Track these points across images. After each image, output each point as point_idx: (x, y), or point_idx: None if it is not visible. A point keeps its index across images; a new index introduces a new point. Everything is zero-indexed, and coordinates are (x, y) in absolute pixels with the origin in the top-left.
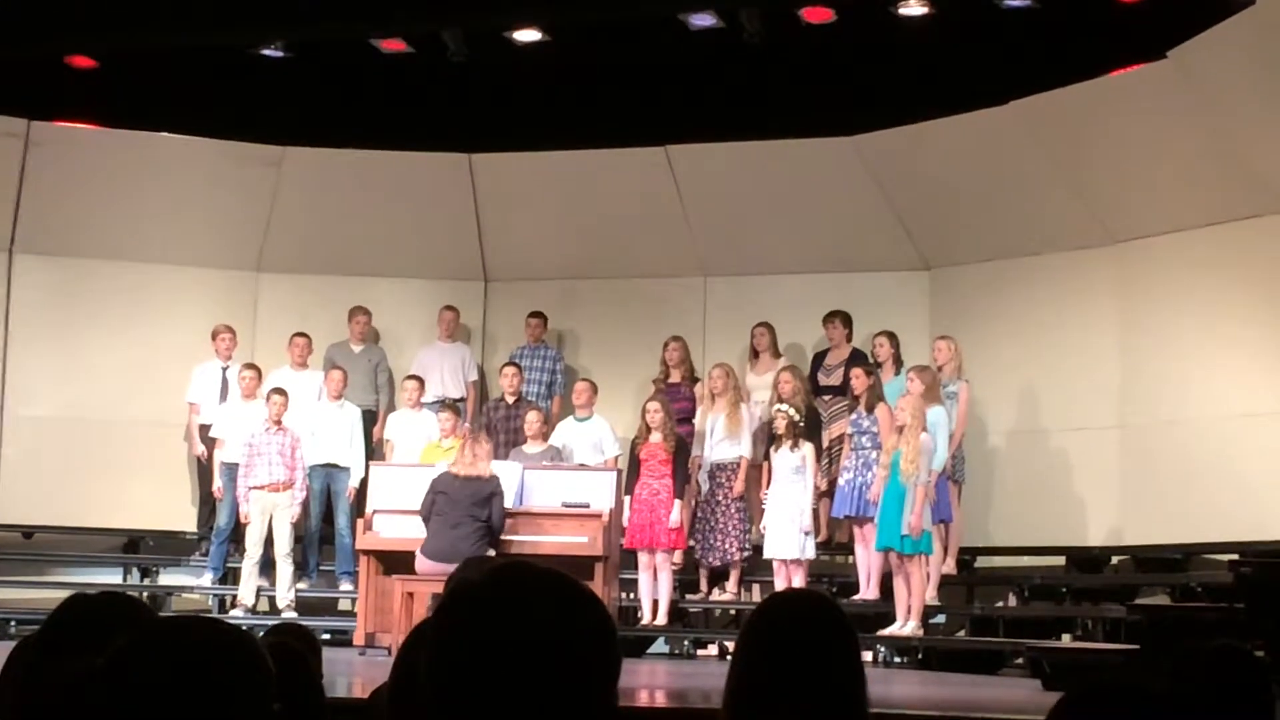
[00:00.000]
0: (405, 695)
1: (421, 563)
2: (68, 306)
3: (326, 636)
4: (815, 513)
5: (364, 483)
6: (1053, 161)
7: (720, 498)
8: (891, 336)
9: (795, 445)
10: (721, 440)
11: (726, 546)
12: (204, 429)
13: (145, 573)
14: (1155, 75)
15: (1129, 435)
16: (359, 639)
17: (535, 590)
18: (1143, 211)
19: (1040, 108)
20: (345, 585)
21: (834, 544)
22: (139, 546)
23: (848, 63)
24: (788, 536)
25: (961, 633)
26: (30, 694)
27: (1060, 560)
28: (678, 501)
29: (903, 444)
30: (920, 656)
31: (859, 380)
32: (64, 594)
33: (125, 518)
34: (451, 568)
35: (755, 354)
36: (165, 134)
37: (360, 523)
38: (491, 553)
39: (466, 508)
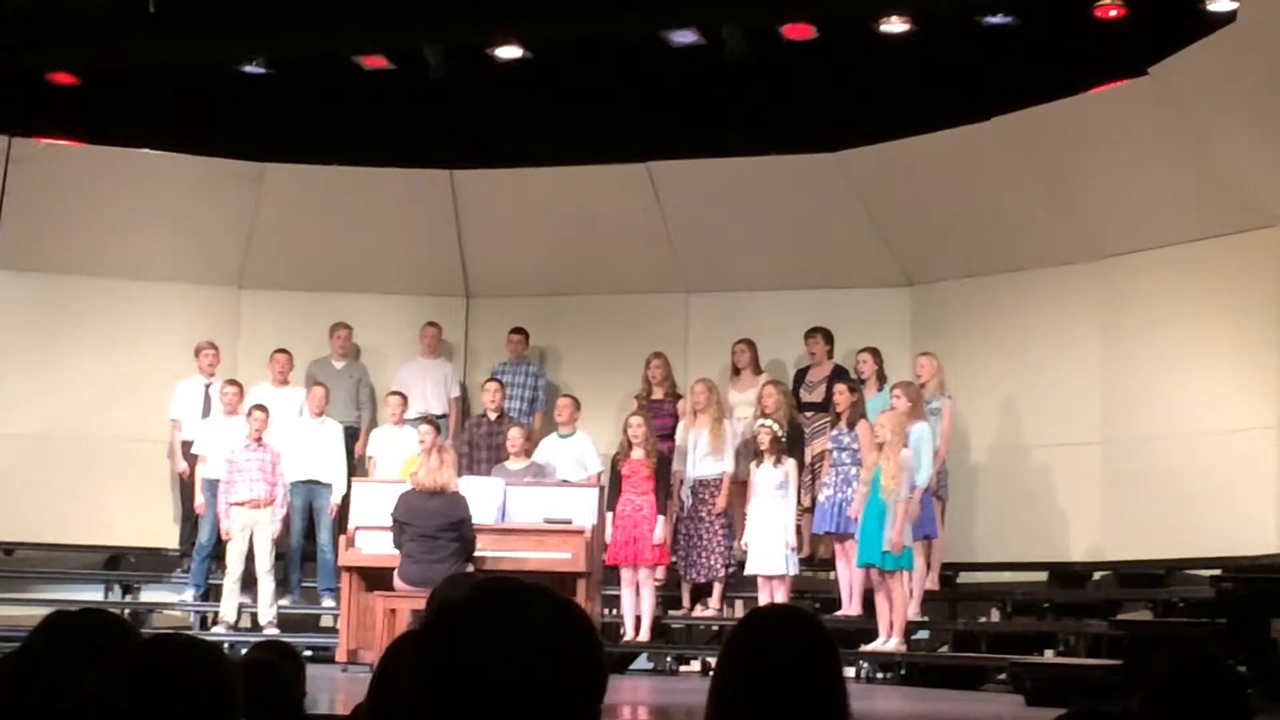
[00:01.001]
0: (384, 713)
1: (399, 584)
2: (48, 322)
3: (309, 653)
4: (798, 529)
5: (346, 499)
6: (1034, 178)
7: (703, 514)
8: (875, 353)
9: (778, 461)
10: (704, 456)
11: (710, 563)
12: (186, 445)
13: (126, 589)
14: (1136, 92)
15: (1111, 451)
16: (341, 655)
17: (521, 607)
18: (1124, 228)
19: (1022, 124)
20: (327, 602)
21: (816, 560)
22: (120, 563)
23: (829, 80)
24: (771, 552)
25: (944, 648)
26: (10, 714)
27: (1043, 576)
28: (660, 517)
29: (883, 460)
30: (903, 672)
31: (842, 396)
32: (45, 611)
33: (106, 534)
34: (428, 590)
35: (736, 370)
36: (146, 150)
37: (342, 539)
38: (470, 568)
39: (437, 532)
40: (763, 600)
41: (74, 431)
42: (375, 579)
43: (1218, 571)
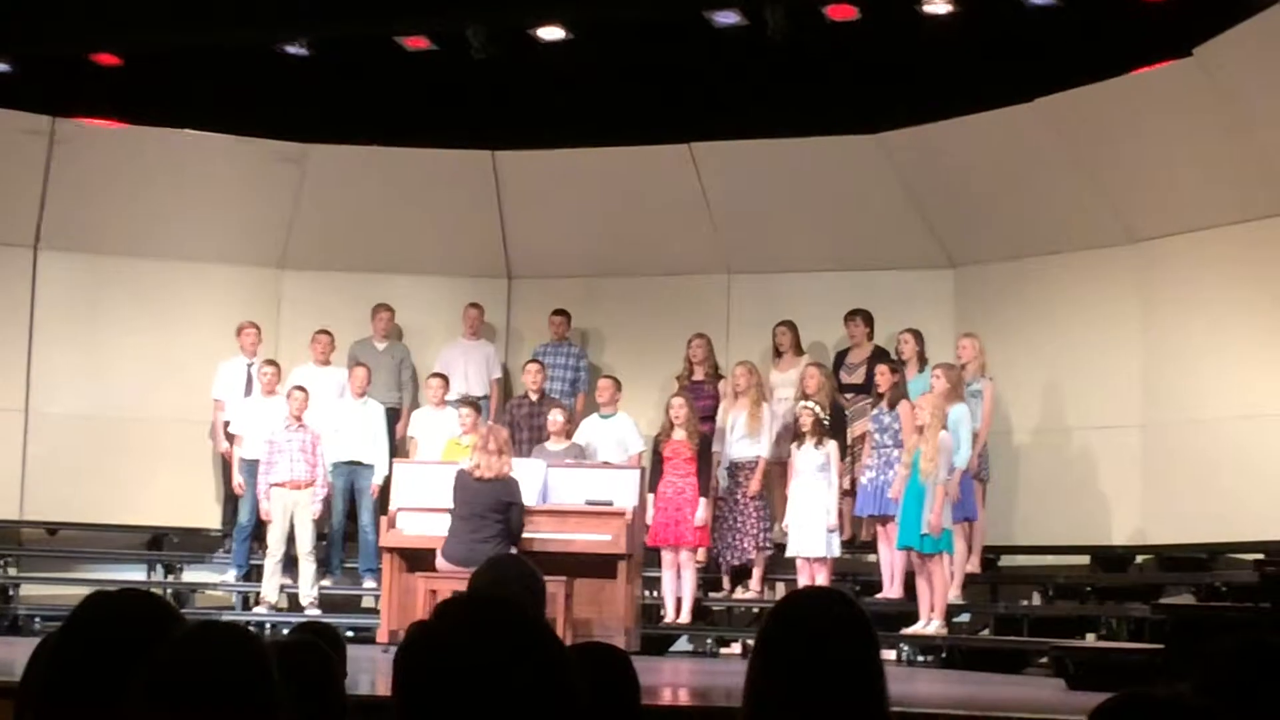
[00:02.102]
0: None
1: (442, 564)
2: (91, 303)
3: (350, 634)
4: (840, 512)
5: (388, 480)
6: (1076, 159)
7: (739, 496)
8: (917, 334)
9: (820, 443)
10: (741, 438)
11: (744, 545)
12: (228, 425)
13: (169, 569)
14: (1179, 74)
15: (1152, 434)
16: (382, 636)
17: (484, 629)
18: (1165, 210)
19: (1064, 105)
20: (369, 583)
21: (858, 543)
22: (162, 543)
23: (872, 60)
24: (812, 535)
25: (985, 631)
26: (53, 693)
27: (1084, 559)
28: (702, 499)
29: (922, 443)
30: (944, 655)
31: (883, 377)
32: (87, 591)
33: (149, 514)
34: (472, 569)
35: (778, 352)
36: (189, 131)
37: (384, 520)
38: (514, 550)
39: (484, 511)
40: (803, 583)
41: (117, 412)
42: (417, 560)
43: (1261, 555)
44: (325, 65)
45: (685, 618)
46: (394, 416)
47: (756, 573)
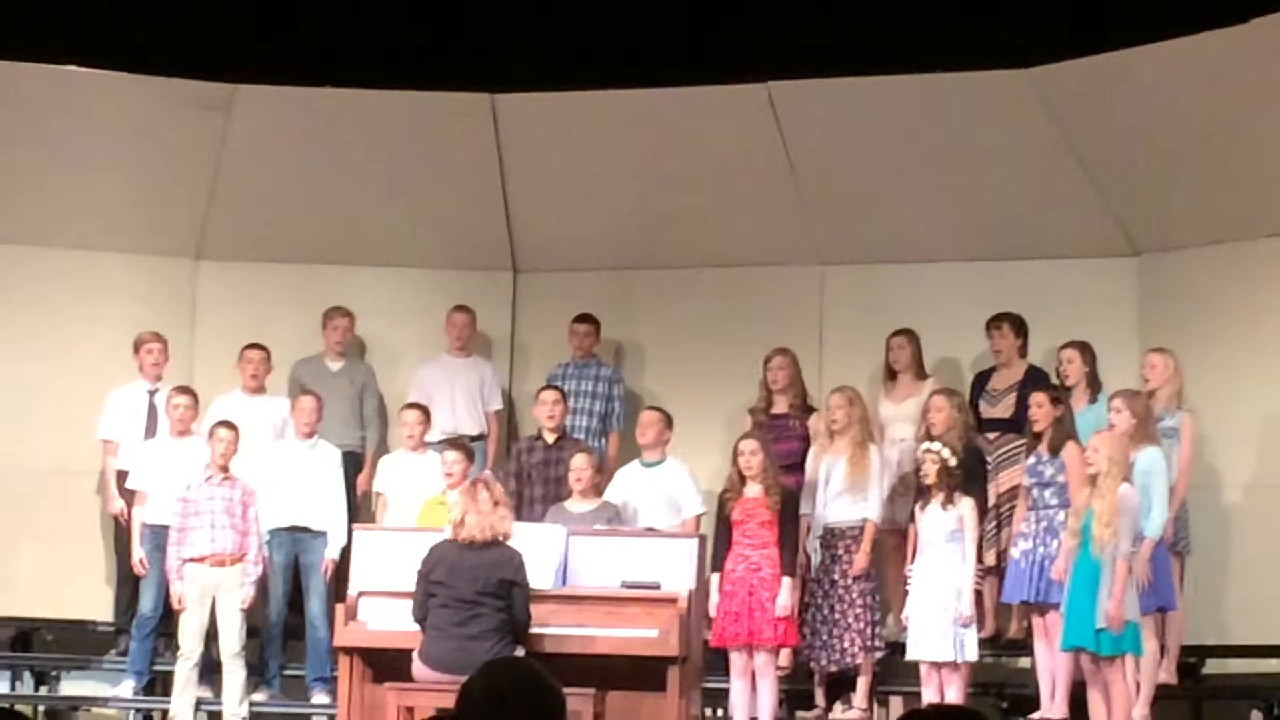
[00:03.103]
0: None
1: (421, 670)
2: None
3: None
4: (978, 596)
5: (346, 553)
6: None
7: (837, 576)
8: (1084, 348)
9: (950, 501)
10: (840, 495)
11: (846, 645)
12: (123, 476)
13: (41, 679)
14: None
15: None
16: None
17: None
18: None
19: None
20: (320, 697)
21: (1005, 641)
22: (31, 642)
23: None
24: (939, 630)
25: None
26: None
27: None
28: (786, 579)
29: (1096, 500)
30: None
31: (1040, 410)
32: None
33: (14, 604)
34: (463, 678)
35: (892, 374)
36: (72, 68)
37: (341, 610)
38: (520, 652)
39: (477, 595)
40: (927, 697)
41: None
42: (386, 665)
43: None
44: None
45: None
46: (354, 464)
47: (863, 683)
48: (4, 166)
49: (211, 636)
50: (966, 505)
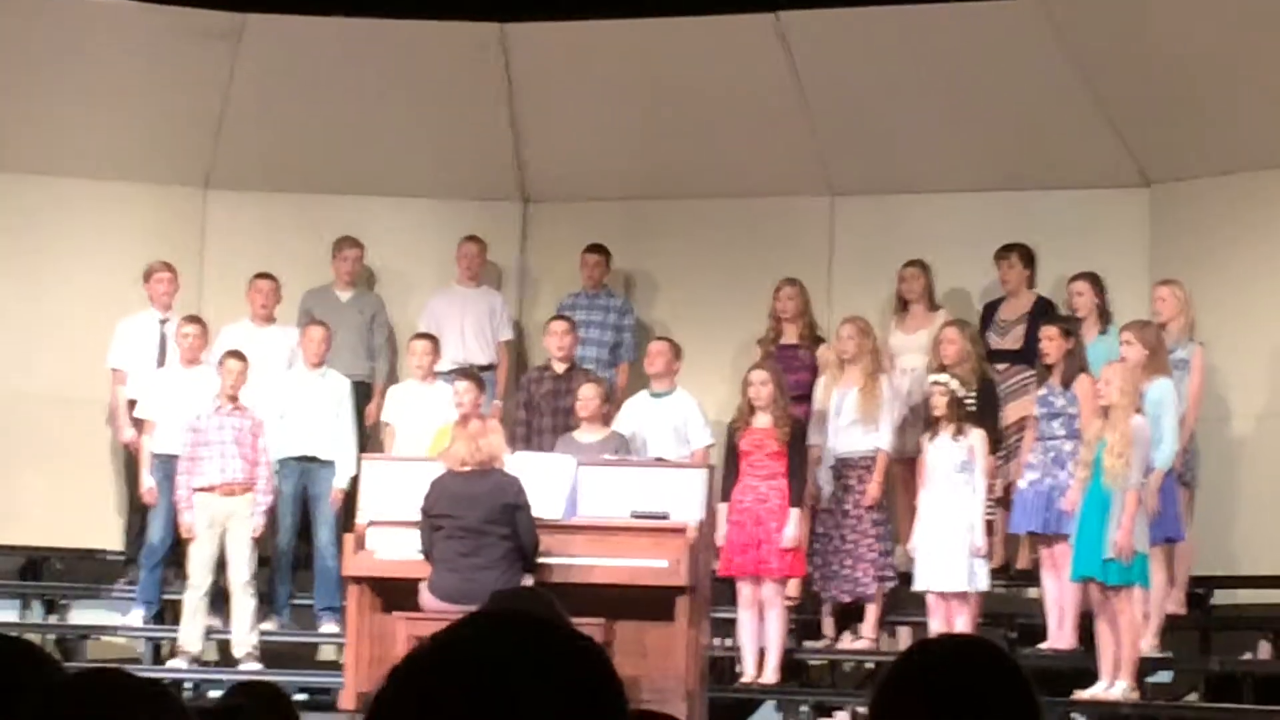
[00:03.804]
0: None
1: (430, 600)
2: None
3: (303, 697)
4: (989, 527)
5: (355, 483)
6: None
7: (849, 506)
8: (1095, 280)
9: (960, 432)
10: (852, 424)
11: (858, 574)
12: (133, 406)
13: (51, 607)
14: None
15: None
16: (348, 701)
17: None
18: None
19: None
20: (328, 626)
21: (1014, 572)
22: (41, 571)
23: None
24: (948, 560)
25: (1193, 696)
26: None
27: None
28: (794, 511)
29: (1108, 431)
30: None
31: (1052, 341)
32: None
33: (22, 532)
34: (472, 608)
35: (903, 304)
36: None
37: (349, 539)
38: (529, 580)
39: (481, 524)
40: (935, 627)
41: None
42: (395, 594)
43: None
44: None
45: (771, 676)
46: (363, 394)
47: (872, 613)
48: (14, 96)
49: (221, 566)
50: (977, 436)
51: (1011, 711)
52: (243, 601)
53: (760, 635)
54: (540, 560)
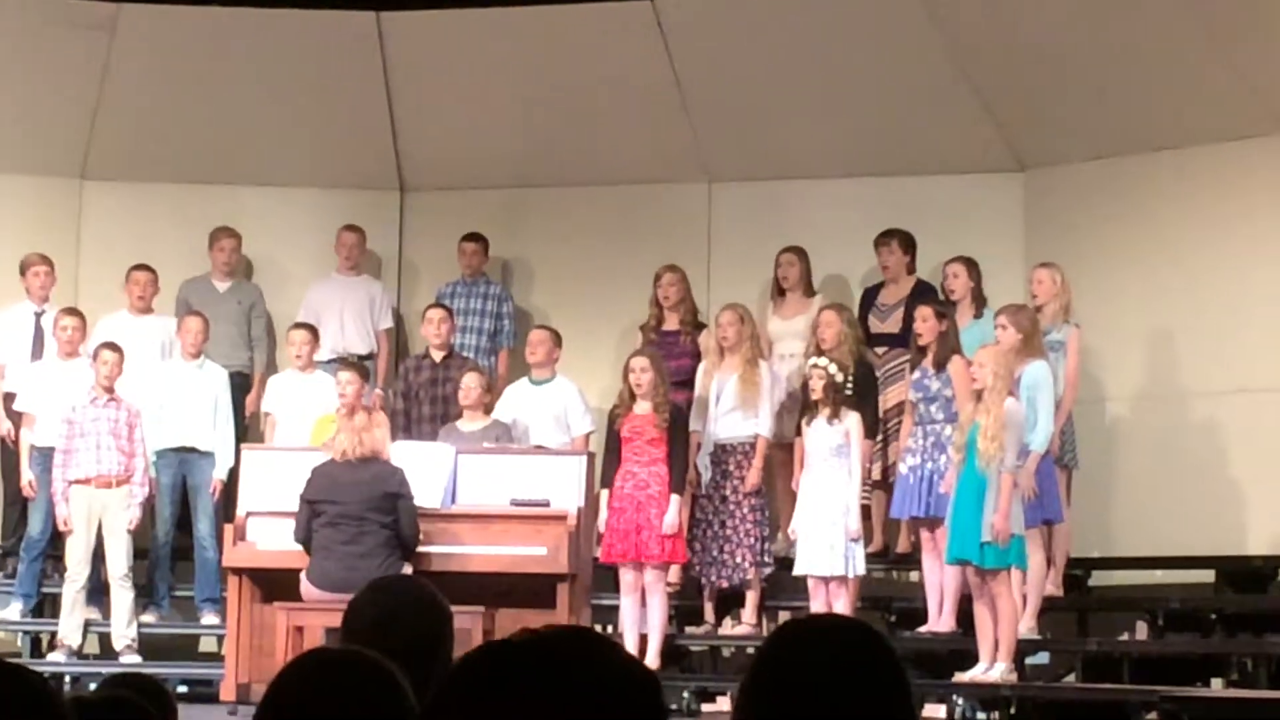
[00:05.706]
0: None
1: (310, 590)
2: None
3: (183, 689)
4: (866, 511)
5: (234, 474)
6: (1203, 21)
7: (728, 492)
8: (970, 264)
9: (835, 416)
10: (731, 411)
11: (738, 560)
12: (9, 399)
13: None
14: None
15: None
16: (228, 692)
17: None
18: None
19: None
20: (209, 617)
21: (892, 555)
22: None
23: None
24: (826, 545)
25: (1071, 677)
26: None
27: (1208, 576)
28: (674, 497)
29: (981, 414)
30: (1013, 711)
31: (925, 324)
32: None
33: None
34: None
35: (780, 290)
36: None
37: (229, 530)
38: (408, 569)
39: (362, 511)
40: (815, 611)
41: None
42: (275, 585)
43: None
44: None
45: (653, 662)
46: (242, 384)
47: (752, 599)
48: None
49: (99, 558)
50: (853, 420)
51: (886, 691)
52: (121, 594)
53: (642, 621)
54: (420, 549)
